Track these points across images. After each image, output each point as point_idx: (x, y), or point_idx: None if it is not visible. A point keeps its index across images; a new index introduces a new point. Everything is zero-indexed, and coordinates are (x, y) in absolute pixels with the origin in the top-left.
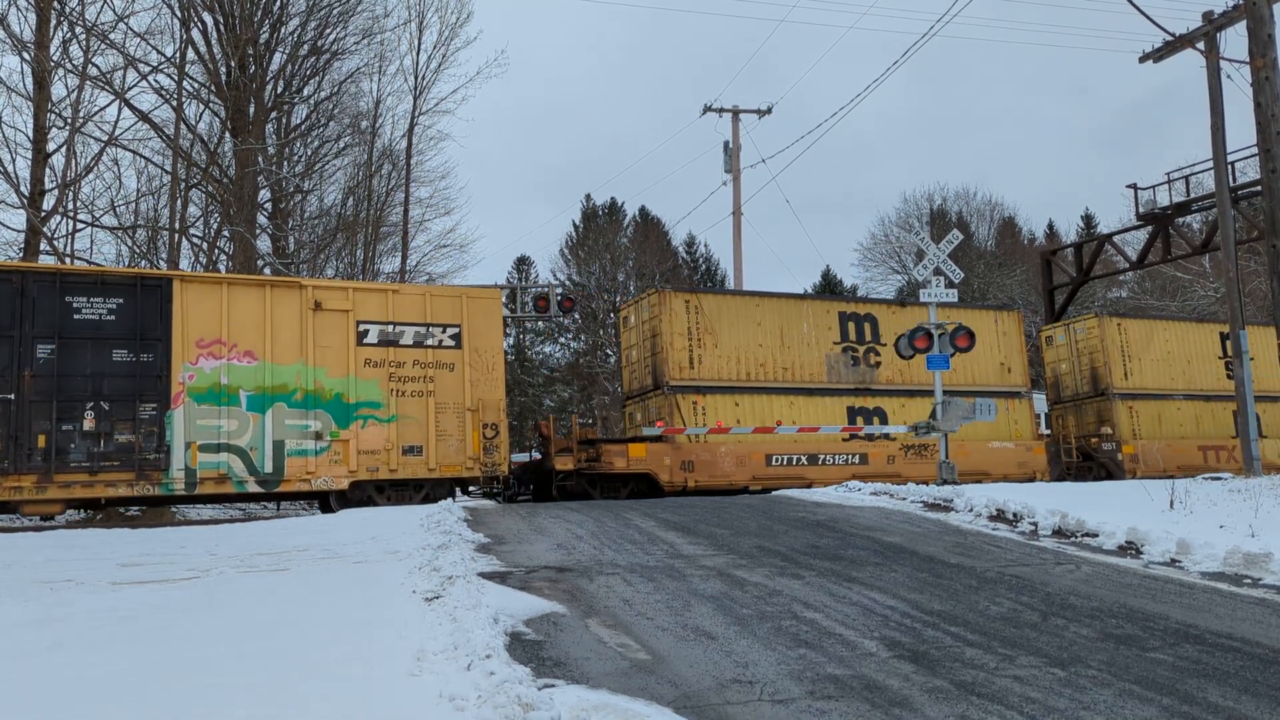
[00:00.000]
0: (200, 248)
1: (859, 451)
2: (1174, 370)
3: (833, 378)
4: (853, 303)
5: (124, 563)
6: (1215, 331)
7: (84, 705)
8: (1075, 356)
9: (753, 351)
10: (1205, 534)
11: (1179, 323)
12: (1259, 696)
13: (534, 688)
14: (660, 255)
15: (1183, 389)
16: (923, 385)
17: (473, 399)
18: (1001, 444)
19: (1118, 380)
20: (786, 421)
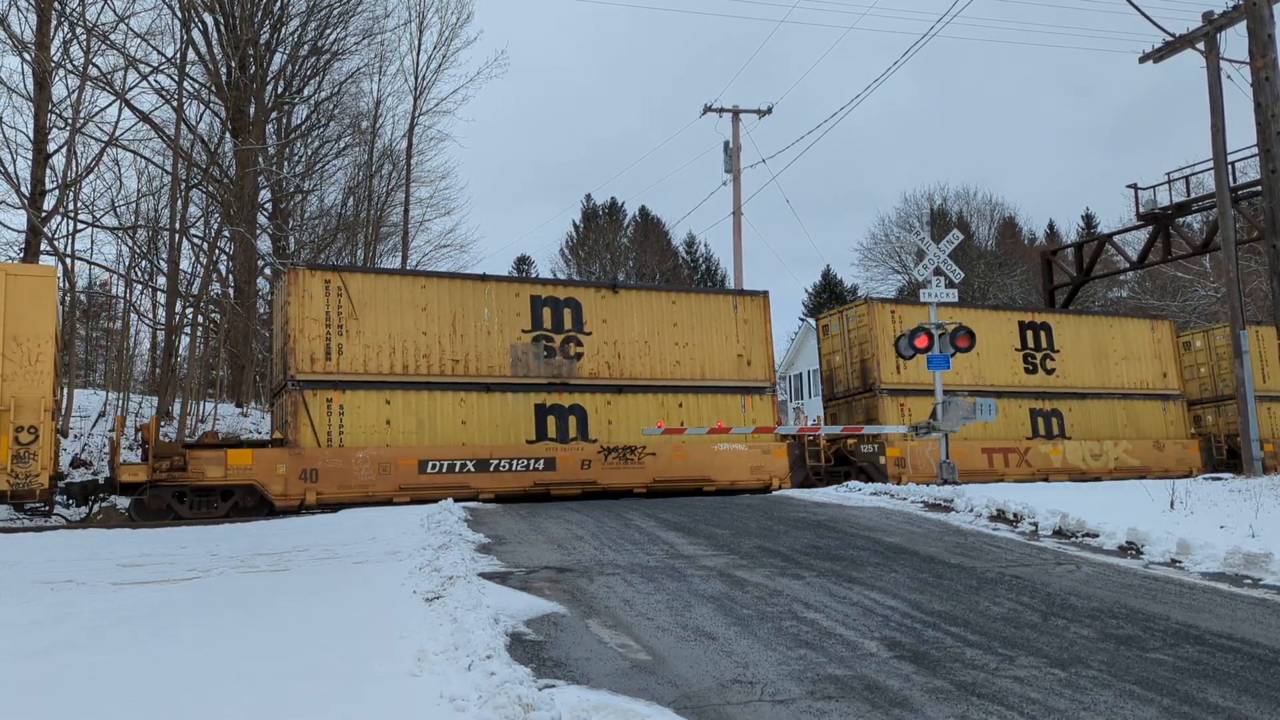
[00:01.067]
0: (200, 248)
1: (546, 456)
2: (960, 363)
3: (519, 371)
4: (550, 285)
5: (124, 563)
6: (1014, 320)
7: (84, 706)
8: (847, 348)
9: (413, 340)
10: (1205, 534)
11: (969, 310)
12: (1259, 697)
13: (535, 688)
14: (660, 255)
15: (970, 384)
16: (636, 379)
17: (4, 397)
18: (731, 446)
19: (887, 374)
20: (455, 422)
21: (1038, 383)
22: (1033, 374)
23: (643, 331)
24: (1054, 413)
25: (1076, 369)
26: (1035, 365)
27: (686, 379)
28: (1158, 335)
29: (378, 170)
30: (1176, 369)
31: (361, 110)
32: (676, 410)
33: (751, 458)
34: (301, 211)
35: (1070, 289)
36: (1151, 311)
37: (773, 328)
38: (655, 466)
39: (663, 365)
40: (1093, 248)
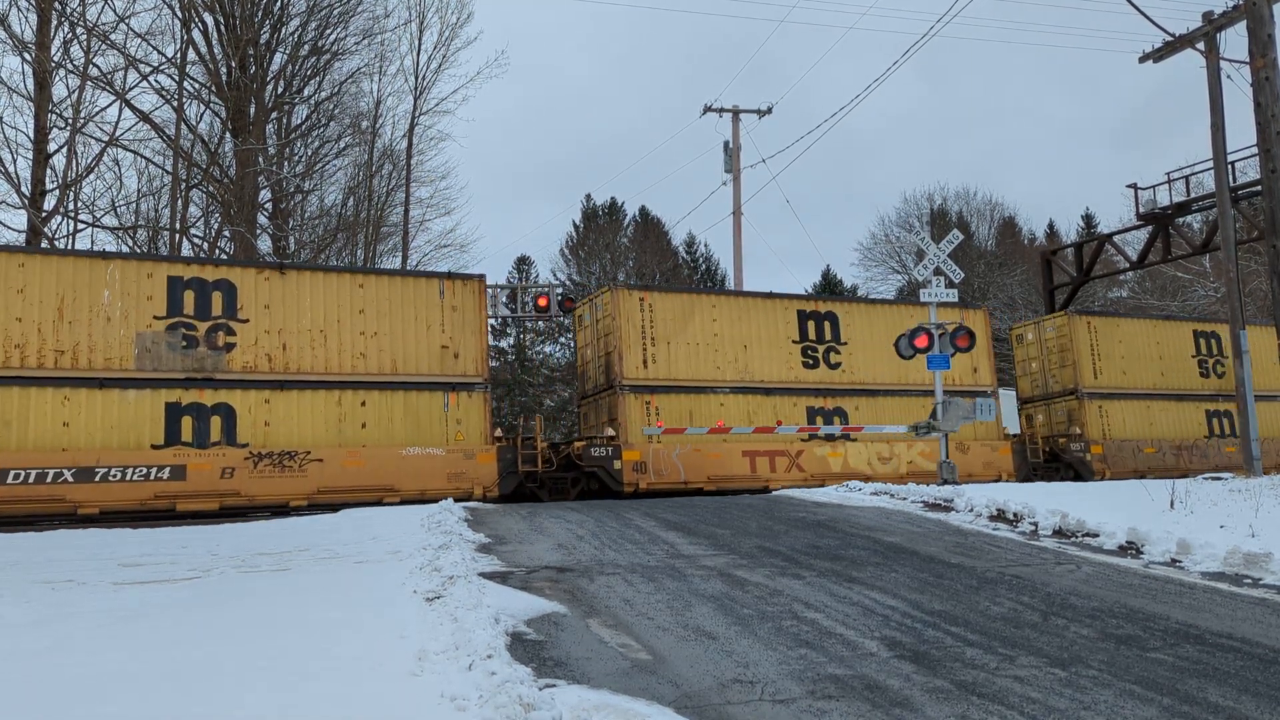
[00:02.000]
0: (201, 248)
1: (174, 463)
2: (723, 356)
3: (147, 364)
4: (197, 265)
5: (125, 563)
6: (791, 309)
7: (85, 706)
8: (597, 340)
9: (9, 329)
10: (1205, 534)
11: (735, 297)
12: (1259, 696)
13: (535, 688)
14: (660, 255)
15: (733, 380)
16: (306, 374)
17: None
18: (426, 450)
19: (631, 369)
20: (54, 423)
21: (818, 379)
22: (813, 369)
23: (318, 319)
24: (837, 411)
25: (867, 363)
26: (817, 359)
27: (374, 374)
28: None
29: (378, 170)
30: (989, 363)
31: (362, 110)
32: (359, 410)
33: (450, 463)
34: (301, 211)
35: (1070, 289)
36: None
37: None
38: (322, 475)
39: (343, 358)
40: (1093, 248)
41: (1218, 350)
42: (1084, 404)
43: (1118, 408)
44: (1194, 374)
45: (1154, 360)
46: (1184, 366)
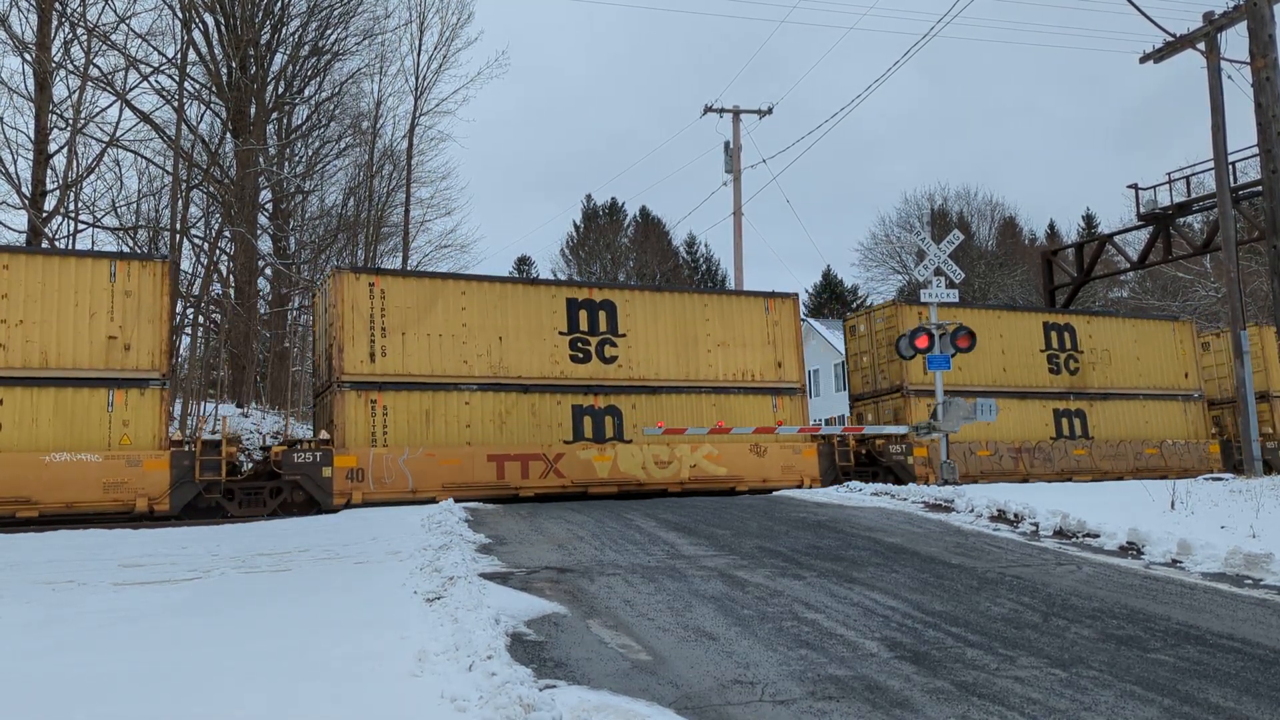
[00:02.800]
0: (201, 248)
1: None
2: (470, 350)
3: None
4: None
5: (125, 563)
6: (560, 298)
7: (85, 707)
8: (325, 331)
9: None
10: (1206, 534)
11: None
12: (1260, 697)
13: (535, 688)
14: (661, 255)
15: (482, 375)
16: None
17: None
18: (77, 456)
19: (354, 364)
20: None
21: (589, 374)
22: (583, 363)
23: None
24: (610, 411)
25: (649, 358)
26: (589, 353)
27: (16, 368)
28: (773, 317)
29: (378, 171)
30: (796, 357)
31: (362, 110)
32: None
33: (108, 471)
34: (302, 212)
35: (1071, 289)
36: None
37: None
38: None
39: None
40: (1093, 248)
41: (1071, 344)
42: (909, 401)
43: None
44: (1043, 370)
45: (995, 355)
46: (1031, 361)
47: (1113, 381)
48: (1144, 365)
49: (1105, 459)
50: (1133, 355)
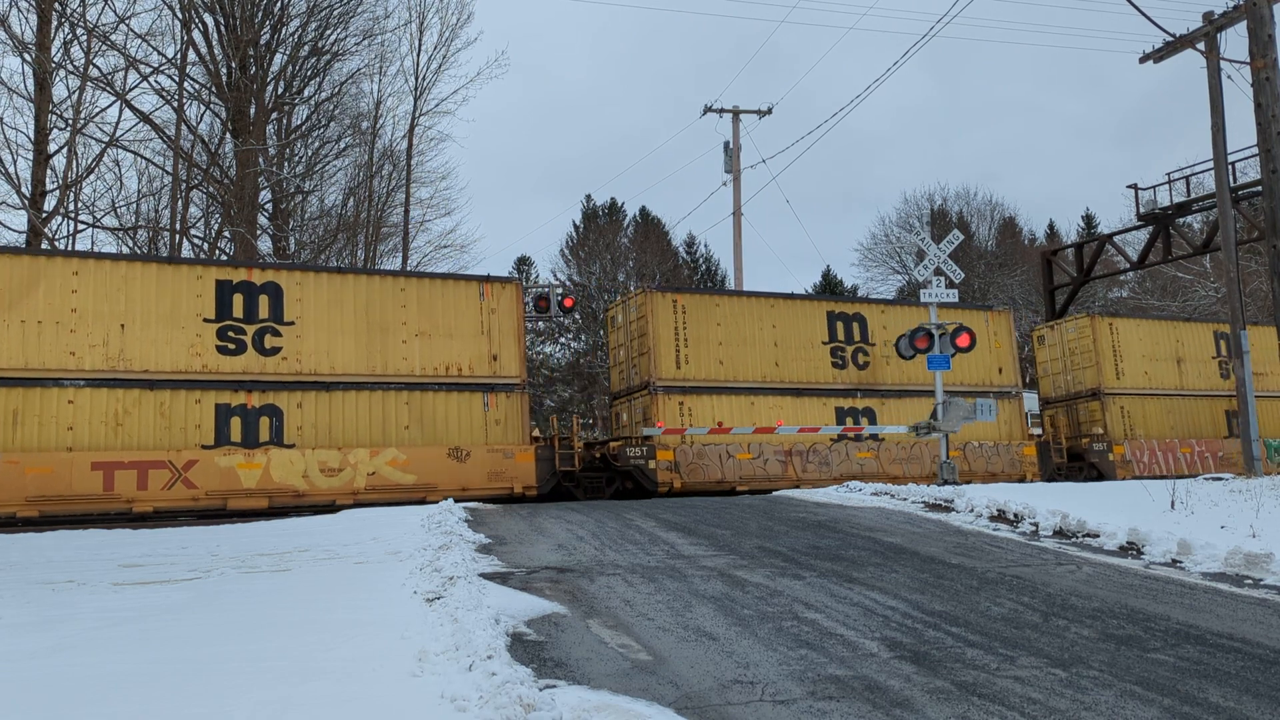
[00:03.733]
0: (201, 248)
1: None
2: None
3: None
4: None
5: (125, 563)
6: (209, 279)
7: (86, 707)
8: None
9: None
10: (1206, 534)
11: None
12: (1260, 697)
13: (535, 688)
14: (660, 255)
15: (95, 370)
16: None
17: None
18: None
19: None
20: None
21: (242, 368)
22: (235, 355)
23: None
24: (268, 410)
25: (322, 349)
26: (243, 343)
27: None
28: (490, 304)
29: (378, 171)
30: (518, 349)
31: (362, 111)
32: None
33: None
34: (302, 212)
35: (1071, 289)
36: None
37: None
38: None
39: None
40: (1093, 248)
41: (861, 336)
42: (656, 399)
43: (706, 404)
44: (825, 364)
45: (766, 346)
46: (810, 355)
47: (910, 378)
48: None
49: (895, 463)
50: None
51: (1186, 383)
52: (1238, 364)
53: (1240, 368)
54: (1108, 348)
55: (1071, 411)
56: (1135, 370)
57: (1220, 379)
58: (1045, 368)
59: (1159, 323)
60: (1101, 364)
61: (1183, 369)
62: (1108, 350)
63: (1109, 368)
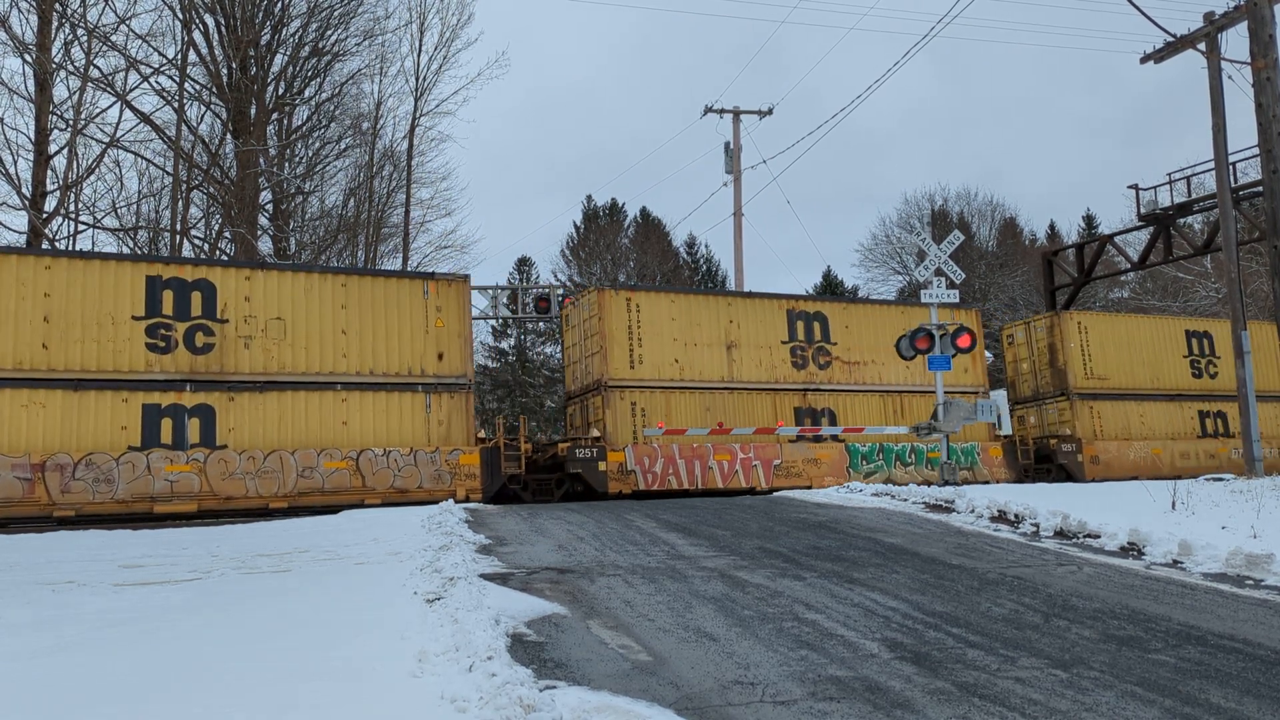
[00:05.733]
0: (201, 249)
1: None
2: None
3: None
4: None
5: (126, 564)
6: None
7: (86, 707)
8: None
9: None
10: (1207, 535)
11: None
12: (1261, 698)
13: (535, 689)
14: (661, 256)
15: None
16: None
17: None
18: None
19: None
20: None
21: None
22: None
23: None
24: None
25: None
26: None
27: None
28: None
29: (378, 171)
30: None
31: (362, 111)
32: None
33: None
34: (302, 212)
35: (1071, 290)
36: None
37: None
38: None
39: None
40: (1094, 248)
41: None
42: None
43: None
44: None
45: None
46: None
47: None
48: None
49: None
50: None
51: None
52: (1239, 364)
53: (1241, 368)
54: (1076, 346)
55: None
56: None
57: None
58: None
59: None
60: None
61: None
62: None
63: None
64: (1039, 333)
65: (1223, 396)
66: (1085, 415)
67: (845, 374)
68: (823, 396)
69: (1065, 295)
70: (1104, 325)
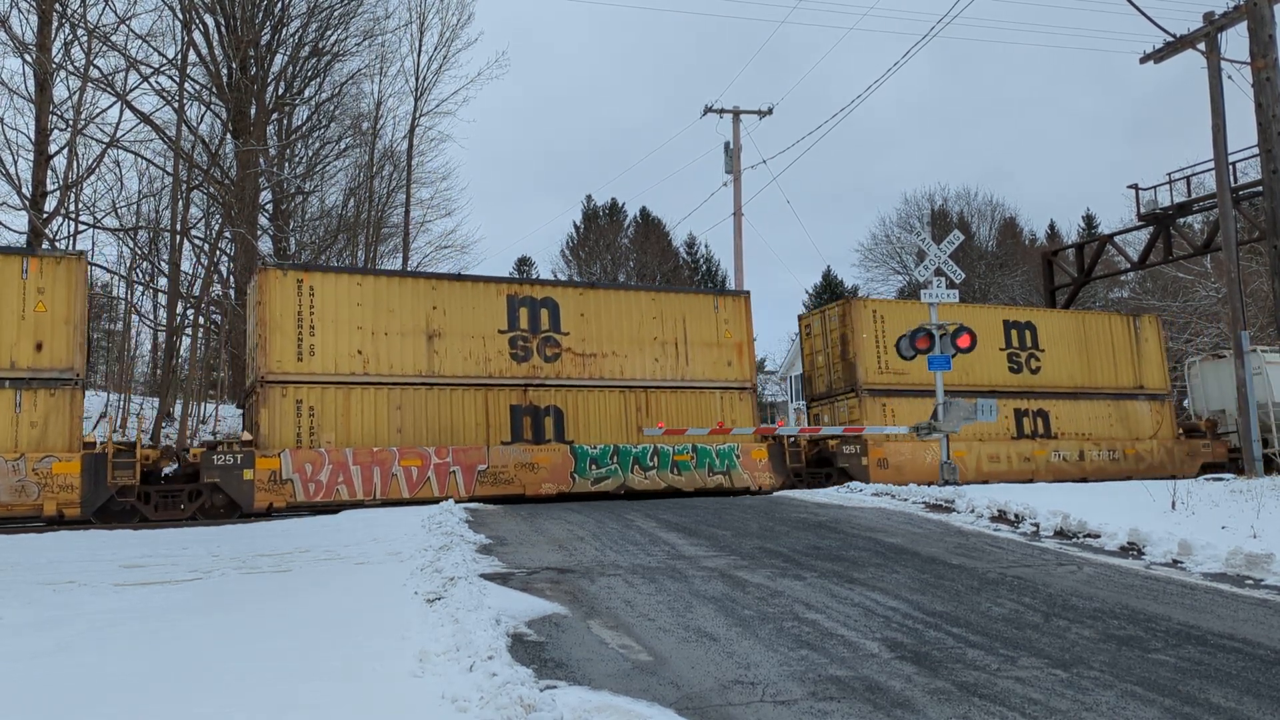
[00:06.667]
0: (202, 249)
1: None
2: None
3: None
4: None
5: (126, 564)
6: None
7: (87, 707)
8: None
9: None
10: (1207, 535)
11: None
12: (1261, 698)
13: (536, 689)
14: (661, 256)
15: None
16: None
17: None
18: None
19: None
20: None
21: None
22: None
23: None
24: None
25: None
26: None
27: None
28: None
29: (378, 171)
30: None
31: (362, 111)
32: None
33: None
34: (302, 212)
35: (1071, 290)
36: None
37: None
38: None
39: None
40: (1094, 248)
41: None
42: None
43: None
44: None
45: None
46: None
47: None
48: None
49: None
50: None
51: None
52: (1238, 364)
53: (1241, 368)
54: (869, 337)
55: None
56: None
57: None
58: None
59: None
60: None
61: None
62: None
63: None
64: (833, 322)
65: (1045, 394)
66: (877, 414)
67: (578, 367)
68: (548, 393)
69: (1065, 295)
70: (904, 314)
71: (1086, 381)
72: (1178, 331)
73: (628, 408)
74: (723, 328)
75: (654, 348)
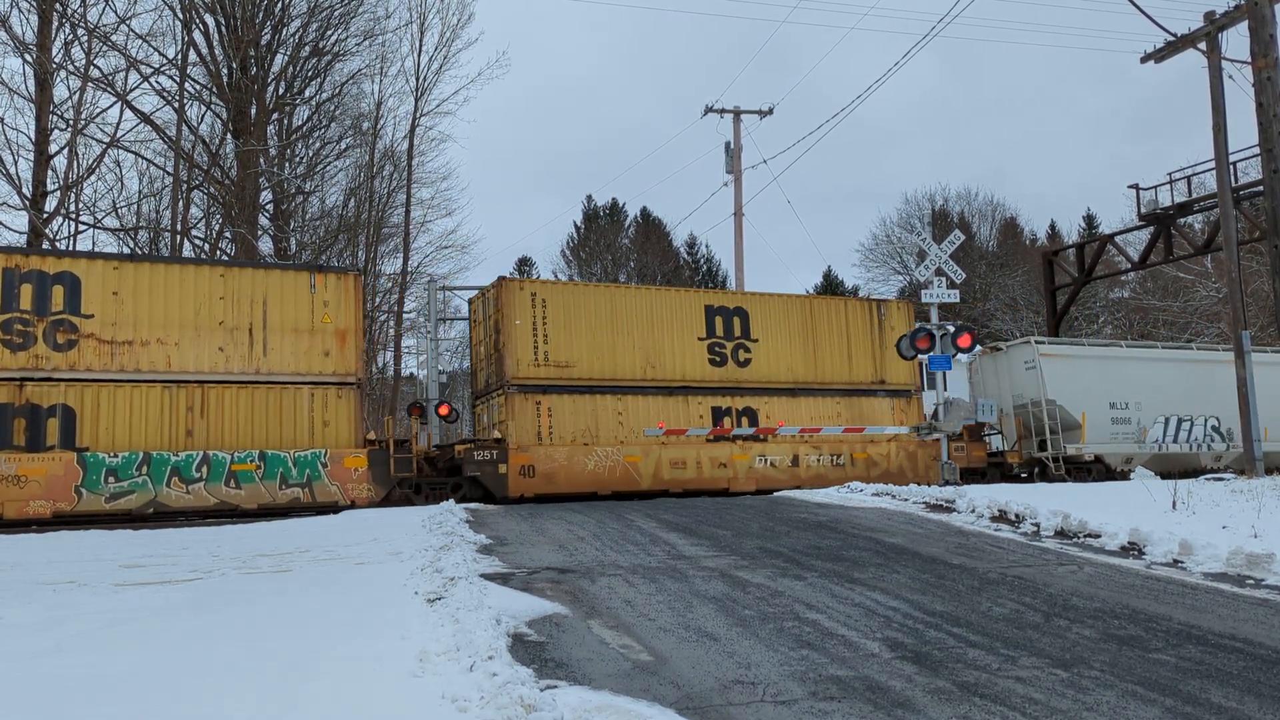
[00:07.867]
0: (202, 249)
1: None
2: None
3: None
4: None
5: (126, 564)
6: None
7: (87, 707)
8: None
9: None
10: (1208, 534)
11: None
12: (1262, 698)
13: (536, 689)
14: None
15: None
16: None
17: None
18: None
19: None
20: None
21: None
22: None
23: None
24: None
25: None
26: None
27: None
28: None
29: (379, 171)
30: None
31: (363, 111)
32: None
33: None
34: (303, 212)
35: (1072, 290)
36: None
37: None
38: None
39: None
40: (1094, 248)
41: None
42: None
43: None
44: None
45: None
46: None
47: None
48: None
49: None
50: None
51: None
52: (1239, 364)
53: (1242, 367)
54: (525, 325)
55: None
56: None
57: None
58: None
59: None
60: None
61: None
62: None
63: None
64: (490, 307)
65: (756, 390)
66: (529, 414)
67: (103, 358)
68: (55, 389)
69: (1065, 295)
70: (575, 298)
71: (811, 376)
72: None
73: (175, 407)
74: (321, 311)
75: (219, 334)
